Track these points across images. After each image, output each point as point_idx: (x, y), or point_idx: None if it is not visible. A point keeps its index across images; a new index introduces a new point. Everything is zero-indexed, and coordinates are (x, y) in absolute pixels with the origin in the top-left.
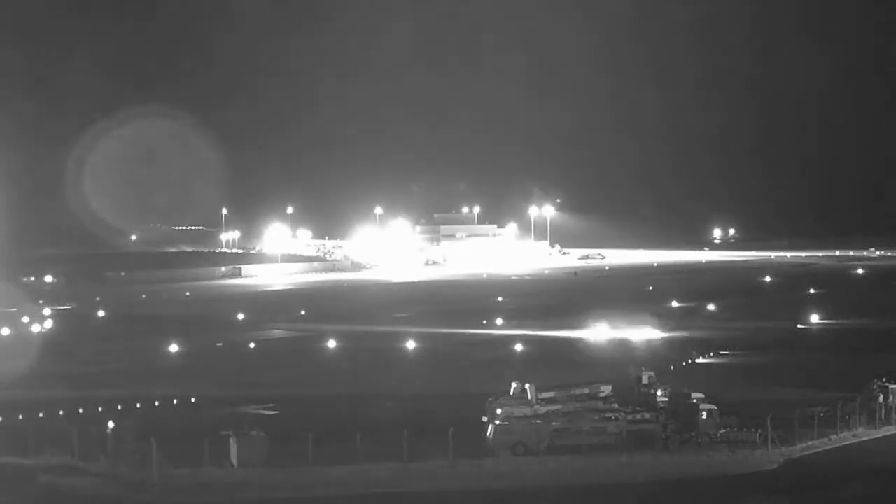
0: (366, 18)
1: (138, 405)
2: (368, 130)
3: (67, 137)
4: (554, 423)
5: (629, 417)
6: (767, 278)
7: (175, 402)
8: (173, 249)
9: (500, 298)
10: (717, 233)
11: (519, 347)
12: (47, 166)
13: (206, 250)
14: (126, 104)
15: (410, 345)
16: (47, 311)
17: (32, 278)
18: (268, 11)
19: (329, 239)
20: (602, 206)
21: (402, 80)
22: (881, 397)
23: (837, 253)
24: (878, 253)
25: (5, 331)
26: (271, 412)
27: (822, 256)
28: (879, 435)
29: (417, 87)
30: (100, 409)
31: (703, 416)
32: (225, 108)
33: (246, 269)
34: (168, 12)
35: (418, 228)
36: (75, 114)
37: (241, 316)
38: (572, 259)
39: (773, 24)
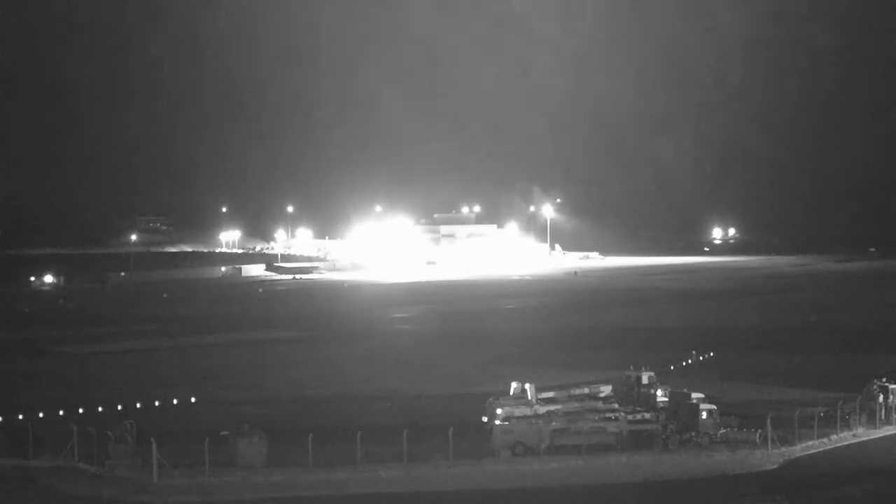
0: (366, 17)
1: (138, 405)
2: (368, 129)
3: (66, 135)
4: (554, 423)
5: (629, 417)
6: (767, 278)
7: (175, 402)
8: (173, 249)
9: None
10: (716, 233)
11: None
12: (45, 165)
13: (205, 250)
14: (125, 102)
15: (410, 345)
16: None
17: (32, 278)
18: (267, 10)
19: (329, 238)
20: (602, 206)
21: (402, 78)
22: (881, 397)
23: (837, 254)
24: (877, 254)
25: None
26: (271, 412)
27: (822, 257)
28: (879, 435)
29: (418, 86)
30: (100, 409)
31: (703, 416)
32: (225, 107)
33: (246, 268)
34: (168, 10)
35: (418, 228)
36: (74, 111)
37: (241, 316)
38: (572, 259)
39: (775, 22)
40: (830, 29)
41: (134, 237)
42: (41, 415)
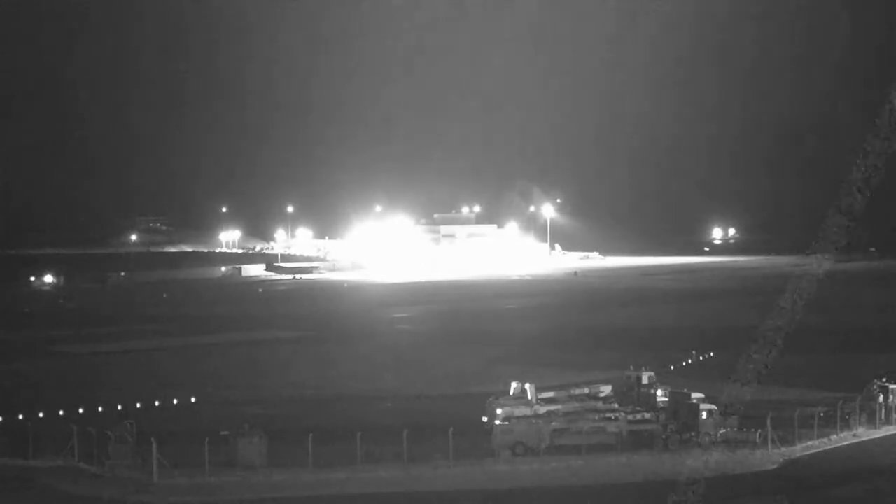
0: (366, 16)
1: (138, 405)
2: (369, 130)
3: (66, 135)
4: (554, 423)
5: (629, 417)
6: (767, 278)
7: (175, 402)
8: (173, 249)
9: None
10: (717, 233)
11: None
12: (45, 165)
13: (205, 250)
14: (126, 102)
15: (410, 345)
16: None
17: (32, 278)
18: (267, 11)
19: (329, 238)
20: (602, 206)
21: (402, 78)
22: (881, 397)
23: (837, 254)
24: (877, 254)
25: None
26: (271, 412)
27: (822, 257)
28: (879, 435)
29: (418, 86)
30: (100, 409)
31: (703, 416)
32: (225, 107)
33: (246, 268)
34: (168, 12)
35: (418, 228)
36: (75, 111)
37: (241, 316)
38: (572, 259)
39: (776, 21)
40: (829, 28)
41: (134, 237)
42: (41, 415)
